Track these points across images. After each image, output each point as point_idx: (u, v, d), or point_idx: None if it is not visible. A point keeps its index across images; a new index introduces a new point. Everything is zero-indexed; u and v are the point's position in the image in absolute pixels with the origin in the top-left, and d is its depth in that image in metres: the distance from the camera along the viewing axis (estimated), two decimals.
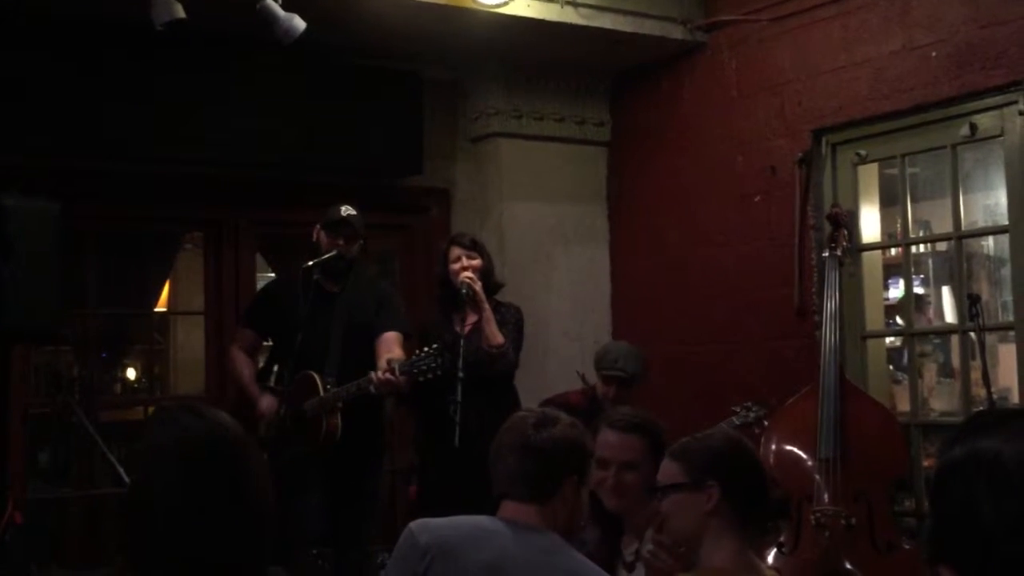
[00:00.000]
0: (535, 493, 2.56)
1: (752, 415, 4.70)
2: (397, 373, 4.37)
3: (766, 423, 4.67)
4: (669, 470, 2.70)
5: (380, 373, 4.39)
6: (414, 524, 2.54)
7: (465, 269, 4.81)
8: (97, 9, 4.70)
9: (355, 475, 4.71)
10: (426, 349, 4.40)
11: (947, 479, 1.44)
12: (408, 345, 4.72)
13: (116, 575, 1.99)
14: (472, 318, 4.80)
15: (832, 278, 4.69)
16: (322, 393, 4.53)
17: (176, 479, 1.90)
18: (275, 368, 4.90)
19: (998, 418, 1.49)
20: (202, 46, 4.99)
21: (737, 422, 4.69)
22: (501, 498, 2.60)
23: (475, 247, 4.92)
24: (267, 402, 4.68)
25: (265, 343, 5.05)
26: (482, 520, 2.57)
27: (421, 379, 4.39)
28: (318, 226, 4.78)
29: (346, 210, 4.74)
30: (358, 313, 4.74)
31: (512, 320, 4.89)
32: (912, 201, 5.10)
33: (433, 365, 4.35)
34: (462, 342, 4.63)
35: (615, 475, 3.15)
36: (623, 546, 3.21)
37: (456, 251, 4.90)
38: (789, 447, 4.47)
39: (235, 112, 5.23)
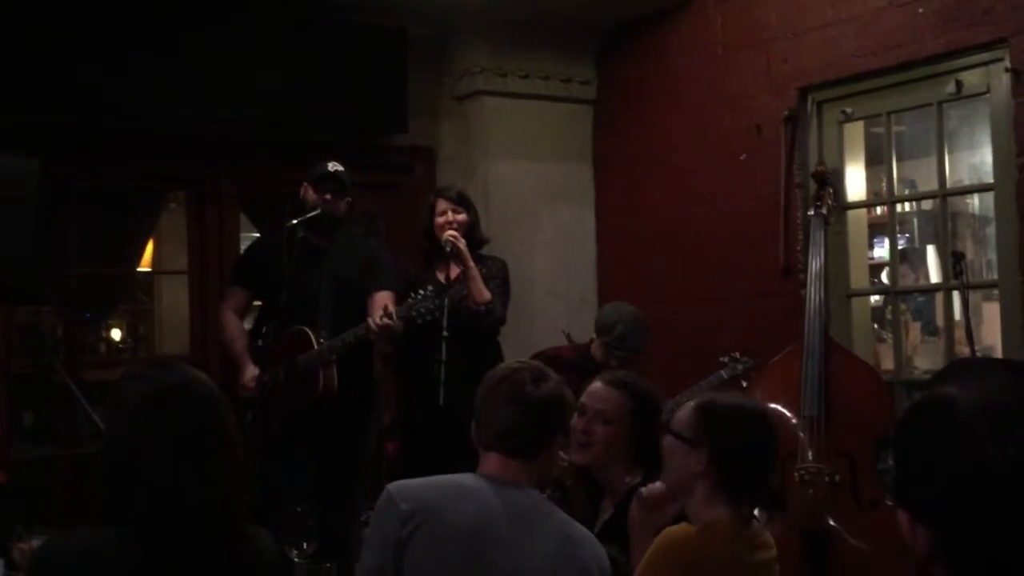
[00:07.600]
0: (527, 449, 2.53)
1: (740, 367, 4.66)
2: (395, 318, 4.35)
3: (753, 375, 4.67)
4: (683, 416, 2.66)
5: (378, 318, 4.38)
6: (392, 487, 2.49)
7: (451, 223, 4.78)
8: None
9: (347, 432, 4.68)
10: (421, 292, 4.37)
11: (907, 424, 1.42)
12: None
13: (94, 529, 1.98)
14: (455, 271, 4.78)
15: (817, 237, 4.69)
16: (316, 347, 4.51)
17: (144, 429, 1.92)
18: (264, 328, 4.88)
19: (965, 365, 1.45)
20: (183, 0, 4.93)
21: (726, 375, 4.67)
22: (486, 449, 2.57)
23: (462, 201, 4.90)
24: (250, 375, 4.66)
25: (255, 303, 5.02)
26: (462, 479, 2.54)
27: (419, 321, 4.37)
28: (305, 183, 4.74)
29: (333, 165, 4.71)
30: (347, 268, 4.72)
31: (498, 274, 4.87)
32: (898, 159, 5.09)
33: (432, 307, 4.33)
34: (447, 301, 4.61)
35: (587, 422, 3.12)
36: (602, 509, 3.19)
37: (442, 204, 4.87)
38: (773, 405, 4.46)
39: (217, 68, 5.16)
